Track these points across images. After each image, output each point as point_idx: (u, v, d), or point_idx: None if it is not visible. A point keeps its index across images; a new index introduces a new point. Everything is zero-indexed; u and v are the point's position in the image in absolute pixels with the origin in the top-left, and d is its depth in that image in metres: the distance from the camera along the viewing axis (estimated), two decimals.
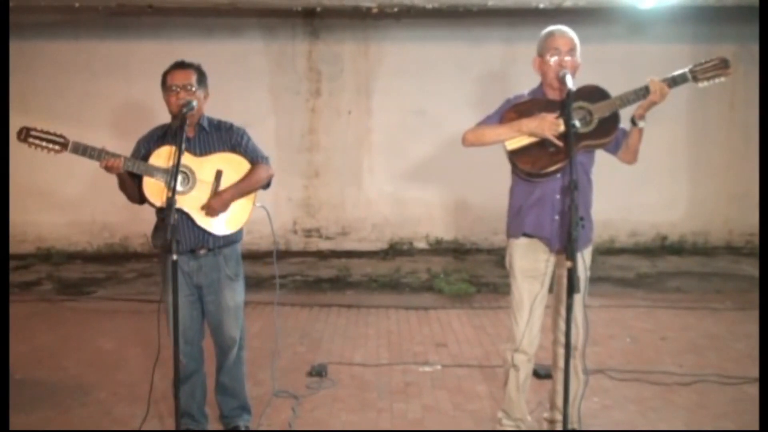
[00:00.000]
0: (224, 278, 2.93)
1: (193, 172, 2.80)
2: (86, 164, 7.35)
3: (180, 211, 2.76)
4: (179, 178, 2.73)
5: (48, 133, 2.68)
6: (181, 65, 2.84)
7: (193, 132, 2.87)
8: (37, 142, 2.67)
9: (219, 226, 2.85)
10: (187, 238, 2.83)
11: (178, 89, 2.76)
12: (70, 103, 7.14)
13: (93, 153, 2.67)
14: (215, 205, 2.79)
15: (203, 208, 2.79)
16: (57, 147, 2.67)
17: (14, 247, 7.01)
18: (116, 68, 7.34)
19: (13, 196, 6.72)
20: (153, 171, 2.72)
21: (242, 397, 3.15)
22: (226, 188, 2.82)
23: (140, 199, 2.84)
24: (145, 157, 2.78)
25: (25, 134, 2.67)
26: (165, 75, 2.82)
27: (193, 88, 2.79)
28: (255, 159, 2.91)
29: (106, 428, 3.25)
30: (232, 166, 2.86)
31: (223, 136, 2.90)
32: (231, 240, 2.93)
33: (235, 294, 2.98)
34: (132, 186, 2.81)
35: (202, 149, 2.86)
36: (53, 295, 5.89)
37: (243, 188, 2.85)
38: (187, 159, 2.78)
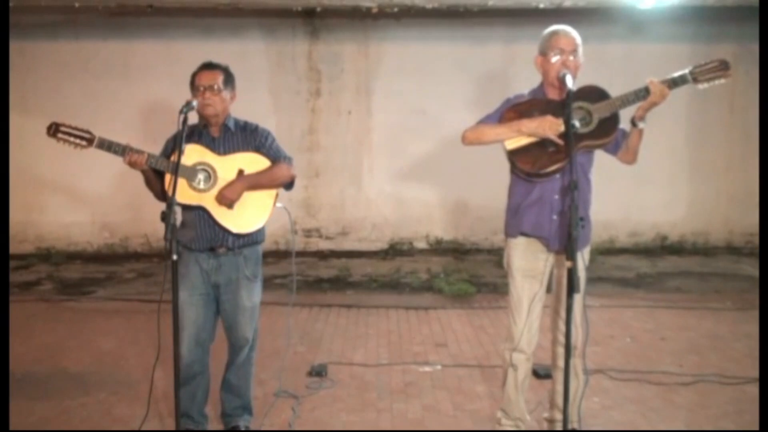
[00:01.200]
0: (243, 278, 2.94)
1: (215, 171, 2.83)
2: (87, 164, 7.31)
3: (201, 209, 2.81)
4: (201, 176, 2.82)
5: (76, 128, 2.74)
6: (208, 66, 2.89)
7: (218, 132, 2.91)
8: (65, 137, 2.73)
9: (239, 224, 2.86)
10: (206, 235, 2.86)
11: (204, 89, 2.81)
12: (69, 103, 7.14)
13: (117, 149, 2.73)
14: (227, 192, 2.80)
15: (217, 197, 2.81)
16: (84, 142, 2.73)
17: (14, 247, 7.02)
18: (116, 68, 7.35)
19: (14, 195, 6.73)
20: (174, 168, 2.73)
21: (246, 397, 3.16)
22: (240, 178, 2.84)
23: (164, 196, 2.86)
24: (170, 155, 2.82)
25: (54, 129, 2.74)
26: (193, 75, 2.87)
27: (219, 89, 2.84)
28: (277, 159, 2.93)
29: (106, 428, 3.25)
30: (255, 166, 2.88)
31: (248, 137, 2.94)
32: (252, 240, 2.95)
33: (252, 295, 2.99)
34: (157, 183, 2.85)
35: (226, 149, 2.89)
36: (53, 295, 5.89)
37: (258, 180, 2.87)
38: (210, 158, 2.84)
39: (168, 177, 2.77)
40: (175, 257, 2.46)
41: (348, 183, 7.76)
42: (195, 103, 2.75)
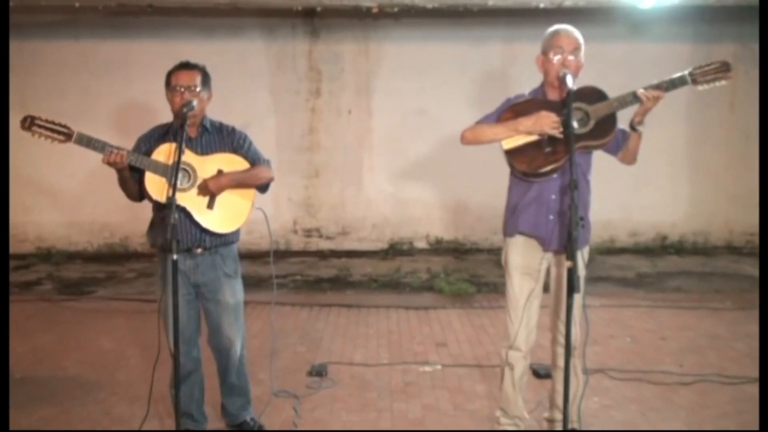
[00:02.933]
0: (223, 276, 2.94)
1: (194, 171, 2.81)
2: (87, 164, 7.31)
3: (180, 209, 2.78)
4: (180, 175, 2.76)
5: (52, 122, 2.68)
6: (186, 66, 2.85)
7: (195, 132, 2.89)
8: (41, 131, 2.67)
9: (219, 223, 2.85)
10: (185, 236, 2.84)
11: (183, 89, 2.78)
12: (70, 103, 7.14)
13: (97, 145, 2.68)
14: (211, 185, 2.79)
15: (200, 185, 2.79)
16: (61, 137, 2.67)
17: (14, 247, 7.01)
18: (116, 68, 7.34)
19: (14, 195, 6.72)
20: (156, 166, 2.72)
21: (247, 393, 3.18)
22: (225, 174, 2.83)
23: (139, 196, 2.84)
24: (146, 155, 2.78)
25: (29, 123, 2.67)
26: (169, 75, 2.83)
27: (197, 89, 2.81)
28: (256, 161, 2.93)
29: (106, 428, 3.25)
30: (234, 166, 2.88)
31: (225, 139, 2.93)
32: (228, 240, 2.94)
33: (235, 292, 2.99)
34: (133, 183, 2.82)
35: (204, 149, 2.88)
36: (53, 295, 5.89)
37: (241, 179, 2.87)
38: (189, 157, 2.81)
39: (148, 176, 2.73)
40: (175, 257, 2.46)
41: (348, 183, 7.75)
42: (195, 103, 2.74)
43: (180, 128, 2.63)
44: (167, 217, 2.47)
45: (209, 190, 2.80)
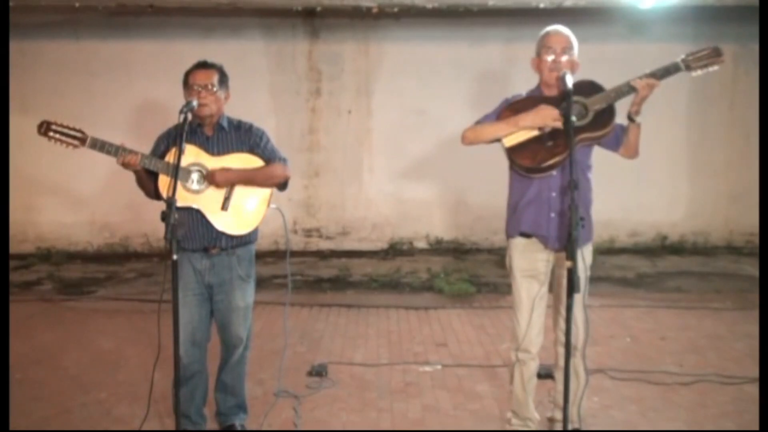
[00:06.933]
0: (236, 278, 2.94)
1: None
2: (87, 164, 7.30)
3: (194, 210, 2.80)
4: (195, 176, 2.80)
5: (67, 127, 2.72)
6: (203, 65, 2.87)
7: (212, 131, 2.90)
8: (56, 136, 2.71)
9: (232, 225, 2.85)
10: (199, 236, 2.85)
11: (200, 89, 2.79)
12: (70, 103, 7.15)
13: (110, 149, 2.71)
14: (218, 175, 2.79)
15: (206, 176, 2.79)
16: (75, 142, 2.71)
17: (14, 247, 7.02)
18: (116, 68, 7.34)
19: (14, 195, 6.72)
20: (167, 168, 2.72)
21: (241, 396, 3.16)
22: (236, 169, 2.82)
23: (157, 195, 2.85)
24: (163, 154, 2.81)
25: (45, 128, 2.72)
26: (187, 74, 2.85)
27: (215, 88, 2.82)
28: (272, 159, 2.92)
29: (106, 428, 3.25)
30: (249, 167, 2.87)
31: (242, 137, 2.92)
32: (245, 241, 2.94)
33: (246, 295, 2.99)
34: (149, 182, 2.84)
35: (220, 149, 2.88)
36: (53, 295, 5.89)
37: (251, 176, 2.86)
38: (204, 158, 2.82)
39: (162, 177, 2.75)
40: (175, 257, 2.46)
41: (348, 183, 7.75)
42: (195, 103, 2.74)
43: (181, 128, 2.63)
44: (167, 218, 2.47)
45: (214, 181, 2.78)
